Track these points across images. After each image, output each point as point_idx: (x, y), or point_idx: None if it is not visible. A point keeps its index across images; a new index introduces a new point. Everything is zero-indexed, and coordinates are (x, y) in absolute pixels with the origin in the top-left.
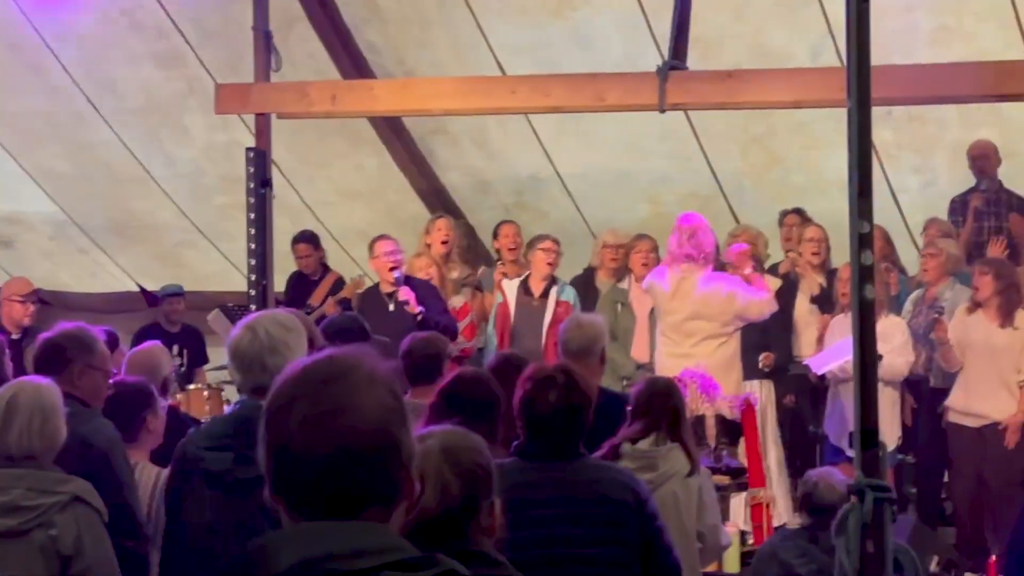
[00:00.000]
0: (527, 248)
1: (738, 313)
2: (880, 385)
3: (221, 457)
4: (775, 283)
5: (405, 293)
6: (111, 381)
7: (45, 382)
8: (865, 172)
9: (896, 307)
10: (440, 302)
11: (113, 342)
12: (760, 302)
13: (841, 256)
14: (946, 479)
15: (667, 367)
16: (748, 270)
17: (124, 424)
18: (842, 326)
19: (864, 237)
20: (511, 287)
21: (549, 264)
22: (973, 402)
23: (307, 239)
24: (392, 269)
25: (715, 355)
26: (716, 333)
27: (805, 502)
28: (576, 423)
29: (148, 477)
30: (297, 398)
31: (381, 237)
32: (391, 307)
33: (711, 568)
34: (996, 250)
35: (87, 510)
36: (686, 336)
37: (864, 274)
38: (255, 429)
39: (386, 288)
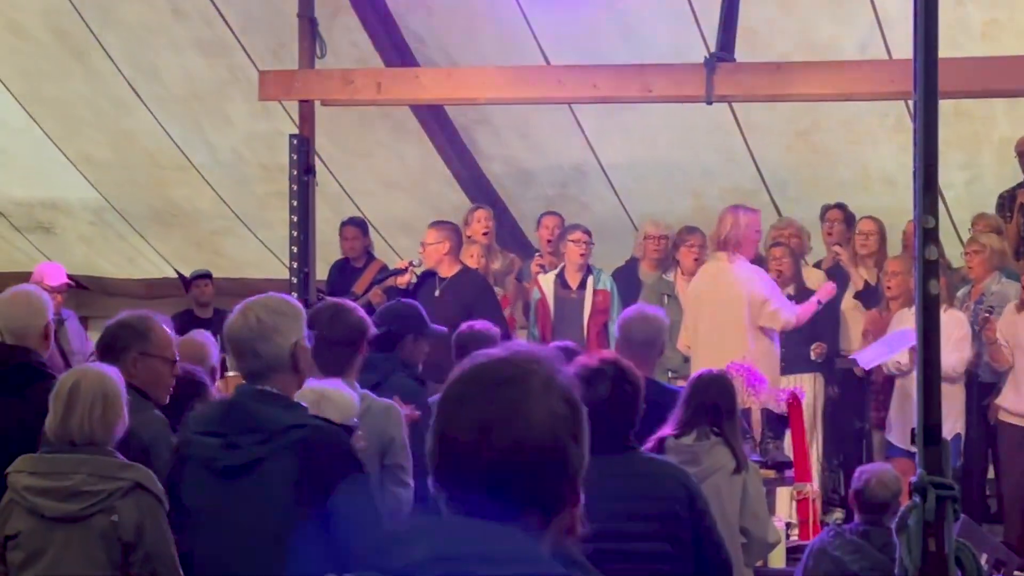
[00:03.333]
0: (559, 240)
1: (765, 321)
2: None
3: (210, 443)
4: (819, 277)
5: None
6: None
7: (108, 369)
8: (931, 166)
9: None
10: (491, 301)
11: None
12: (787, 320)
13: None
14: (991, 476)
15: (706, 359)
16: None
17: (172, 413)
18: (903, 321)
19: (929, 232)
20: (547, 281)
21: (581, 255)
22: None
23: (356, 223)
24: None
25: (754, 347)
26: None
27: (857, 498)
28: (626, 415)
29: None
30: (469, 397)
31: (430, 224)
32: (437, 292)
33: (757, 564)
34: None
35: (148, 497)
36: (722, 328)
37: (929, 269)
38: (244, 416)
39: (442, 273)
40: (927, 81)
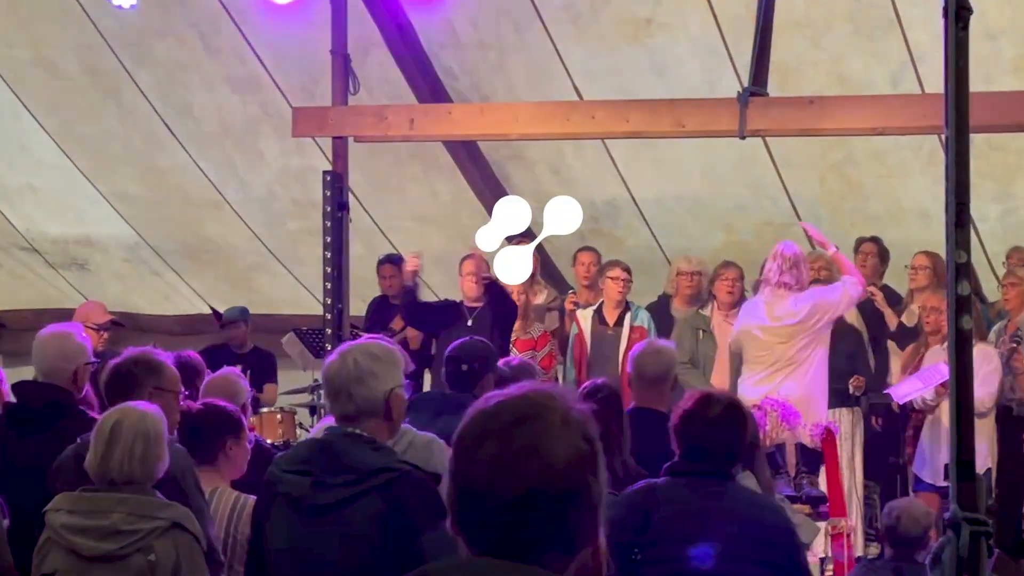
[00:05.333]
0: (598, 275)
1: (828, 315)
2: None
3: (299, 481)
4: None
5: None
6: (202, 401)
7: (149, 407)
8: (963, 201)
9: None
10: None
11: (199, 369)
12: (843, 295)
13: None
14: None
15: (749, 396)
16: (831, 251)
17: (203, 445)
18: (935, 358)
19: (961, 267)
20: (585, 316)
21: (620, 292)
22: None
23: (392, 261)
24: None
25: (800, 383)
26: (801, 360)
27: (888, 534)
28: (731, 443)
29: (226, 502)
30: (488, 435)
31: (468, 255)
32: (470, 322)
33: None
34: None
35: (186, 536)
36: (771, 363)
37: (961, 305)
38: (334, 456)
39: (468, 302)
40: (958, 116)
